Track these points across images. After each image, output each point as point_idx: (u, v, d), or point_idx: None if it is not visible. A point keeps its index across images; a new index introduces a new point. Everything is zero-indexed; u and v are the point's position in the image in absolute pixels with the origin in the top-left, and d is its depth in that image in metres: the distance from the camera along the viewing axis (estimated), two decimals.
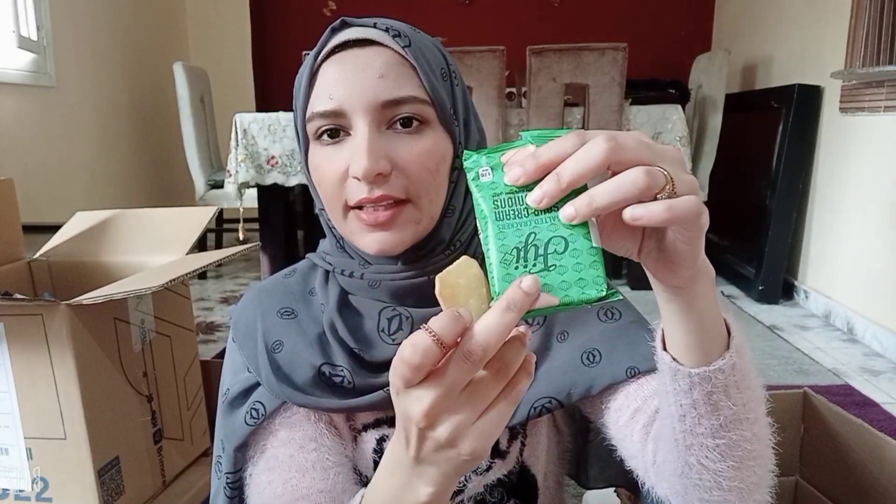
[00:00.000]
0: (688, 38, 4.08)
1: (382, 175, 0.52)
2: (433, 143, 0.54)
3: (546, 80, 2.74)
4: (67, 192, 2.92)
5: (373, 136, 0.52)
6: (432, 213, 0.56)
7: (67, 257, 1.10)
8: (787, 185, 2.69)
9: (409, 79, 0.54)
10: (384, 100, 0.52)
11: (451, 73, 0.58)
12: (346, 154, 0.53)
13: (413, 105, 0.53)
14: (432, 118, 0.55)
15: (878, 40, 2.21)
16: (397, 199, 0.53)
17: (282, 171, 2.97)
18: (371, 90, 0.52)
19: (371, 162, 0.51)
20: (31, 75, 2.68)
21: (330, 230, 0.61)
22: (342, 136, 0.54)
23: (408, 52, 0.54)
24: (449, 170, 0.57)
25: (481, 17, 4.18)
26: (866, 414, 1.72)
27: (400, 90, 0.53)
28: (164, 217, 1.13)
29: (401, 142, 0.53)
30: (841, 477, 0.84)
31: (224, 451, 0.61)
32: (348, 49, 0.54)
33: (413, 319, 0.58)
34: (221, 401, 0.62)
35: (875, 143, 2.28)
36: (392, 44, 0.54)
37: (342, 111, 0.53)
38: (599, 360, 0.58)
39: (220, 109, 3.60)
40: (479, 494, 0.62)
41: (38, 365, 0.80)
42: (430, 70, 0.55)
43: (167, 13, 4.00)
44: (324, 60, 0.55)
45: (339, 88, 0.53)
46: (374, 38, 0.54)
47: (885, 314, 2.20)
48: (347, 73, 0.53)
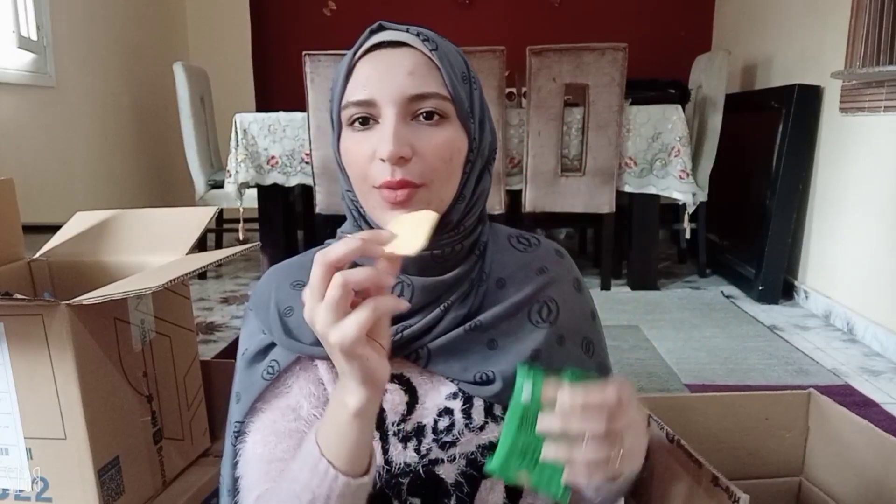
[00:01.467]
0: (688, 38, 4.08)
1: (404, 159, 0.59)
2: (450, 136, 0.62)
3: (546, 80, 2.74)
4: (67, 192, 2.91)
5: (399, 124, 0.60)
6: (443, 198, 0.63)
7: (67, 257, 1.10)
8: (787, 185, 2.69)
9: (434, 78, 0.61)
10: (411, 94, 0.60)
11: (471, 77, 0.66)
12: (374, 140, 0.61)
13: (436, 100, 0.61)
14: (452, 114, 0.62)
15: (878, 40, 2.21)
16: (414, 184, 0.60)
17: (282, 171, 2.97)
18: (400, 85, 0.60)
19: (396, 146, 0.58)
20: (30, 75, 2.67)
21: (350, 211, 0.68)
22: (371, 123, 0.62)
23: (434, 55, 0.62)
24: (463, 161, 0.64)
25: (481, 17, 4.18)
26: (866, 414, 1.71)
27: (425, 86, 0.61)
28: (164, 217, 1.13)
29: (422, 132, 0.61)
30: (846, 478, 0.84)
31: (238, 402, 0.69)
32: (383, 49, 0.62)
33: (414, 287, 0.65)
34: (240, 360, 0.70)
35: (875, 143, 2.28)
36: (421, 47, 0.62)
37: (374, 101, 0.61)
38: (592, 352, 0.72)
39: (220, 109, 3.60)
40: (471, 453, 0.66)
41: (38, 365, 0.80)
42: (452, 72, 0.62)
43: (167, 13, 4.00)
44: (361, 57, 0.63)
45: (372, 82, 0.61)
46: (407, 40, 0.62)
47: (885, 314, 2.20)
48: (381, 69, 0.61)
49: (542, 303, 0.69)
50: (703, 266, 3.23)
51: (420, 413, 0.66)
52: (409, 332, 0.64)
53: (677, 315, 2.60)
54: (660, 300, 2.81)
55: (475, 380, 0.65)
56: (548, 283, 0.71)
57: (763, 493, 0.89)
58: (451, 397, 0.66)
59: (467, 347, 0.66)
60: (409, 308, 0.64)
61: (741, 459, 0.89)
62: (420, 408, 0.66)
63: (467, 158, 0.64)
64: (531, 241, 0.74)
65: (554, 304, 0.70)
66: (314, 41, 3.87)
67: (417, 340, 0.65)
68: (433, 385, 0.66)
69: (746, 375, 1.98)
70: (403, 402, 0.65)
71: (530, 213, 2.88)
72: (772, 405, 0.88)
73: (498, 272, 0.70)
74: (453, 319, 0.65)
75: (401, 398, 0.65)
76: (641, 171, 2.84)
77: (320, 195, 2.88)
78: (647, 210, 2.94)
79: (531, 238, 0.75)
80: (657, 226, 2.98)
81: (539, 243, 0.75)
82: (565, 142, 2.82)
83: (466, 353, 0.65)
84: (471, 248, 0.68)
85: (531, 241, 0.75)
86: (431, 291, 0.65)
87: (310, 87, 2.74)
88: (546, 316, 0.69)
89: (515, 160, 2.89)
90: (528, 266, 0.71)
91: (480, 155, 0.66)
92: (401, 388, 0.66)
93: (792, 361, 2.10)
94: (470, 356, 0.65)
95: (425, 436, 0.65)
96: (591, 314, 0.76)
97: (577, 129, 2.81)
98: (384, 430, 0.65)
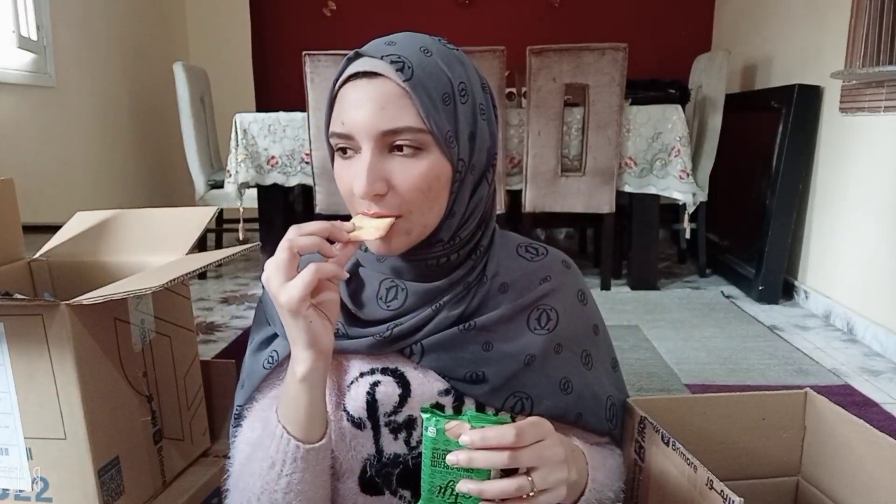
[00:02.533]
0: (688, 38, 4.08)
1: (379, 195, 0.61)
2: (428, 166, 0.62)
3: (546, 80, 2.74)
4: (67, 192, 2.92)
5: (374, 160, 0.61)
6: (425, 223, 0.64)
7: (67, 257, 1.10)
8: (787, 185, 2.69)
9: (406, 110, 0.61)
10: (383, 130, 0.60)
11: (457, 92, 0.64)
12: (353, 170, 0.63)
13: (409, 134, 0.61)
14: (429, 143, 0.62)
15: (878, 40, 2.21)
16: (391, 216, 0.62)
17: (282, 171, 2.97)
18: (372, 120, 0.60)
19: (368, 185, 0.60)
20: (30, 75, 2.68)
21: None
22: (352, 154, 0.63)
23: (408, 85, 0.60)
24: (448, 183, 0.64)
25: (481, 17, 4.18)
26: (866, 414, 1.72)
27: (397, 121, 0.60)
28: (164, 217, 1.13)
29: (399, 165, 0.62)
30: (843, 477, 0.84)
31: (241, 388, 0.73)
32: (359, 79, 0.62)
33: (408, 291, 0.67)
34: (248, 347, 0.75)
35: (875, 143, 2.28)
36: (395, 77, 0.61)
37: (351, 135, 0.62)
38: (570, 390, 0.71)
39: (220, 109, 3.60)
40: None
41: (38, 365, 0.80)
42: (429, 100, 0.61)
43: (167, 13, 4.00)
44: (342, 86, 0.64)
45: (349, 115, 0.62)
46: (381, 70, 0.61)
47: (885, 314, 2.20)
48: (356, 102, 0.61)
49: (541, 310, 0.70)
50: (703, 266, 3.23)
51: (412, 405, 0.68)
52: (399, 330, 0.66)
53: (677, 315, 2.60)
54: (660, 300, 2.81)
55: (466, 378, 0.66)
56: (550, 291, 0.72)
57: (760, 493, 0.90)
58: (444, 394, 0.68)
59: (461, 347, 0.67)
60: (403, 308, 0.67)
61: (739, 459, 0.89)
62: (412, 400, 0.68)
63: (453, 179, 0.64)
64: (539, 251, 0.75)
65: (554, 313, 0.71)
66: (314, 41, 3.88)
67: (409, 337, 0.67)
68: (426, 380, 0.68)
69: (746, 375, 1.99)
70: (396, 394, 0.67)
71: (530, 213, 2.88)
72: (769, 405, 0.89)
73: (502, 277, 0.71)
74: (446, 319, 0.67)
75: (394, 389, 0.67)
76: (641, 171, 2.84)
77: (320, 195, 2.88)
78: (647, 210, 2.94)
79: (540, 248, 0.76)
80: (657, 226, 2.98)
81: (547, 253, 0.76)
82: (565, 142, 2.82)
83: (460, 352, 0.67)
84: (468, 254, 0.69)
85: (539, 250, 0.76)
86: (424, 295, 0.67)
87: (310, 87, 2.74)
88: (545, 323, 0.70)
89: (515, 160, 2.89)
90: (532, 274, 0.72)
91: (471, 170, 0.66)
92: (394, 381, 0.67)
93: (792, 361, 2.10)
94: (463, 355, 0.67)
95: (415, 428, 0.68)
96: (594, 328, 0.77)
97: (577, 129, 2.81)
98: (376, 420, 0.67)
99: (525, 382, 0.68)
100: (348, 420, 0.68)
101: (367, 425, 0.67)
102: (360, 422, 0.67)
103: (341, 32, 4.20)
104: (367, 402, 0.67)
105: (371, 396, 0.67)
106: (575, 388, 0.71)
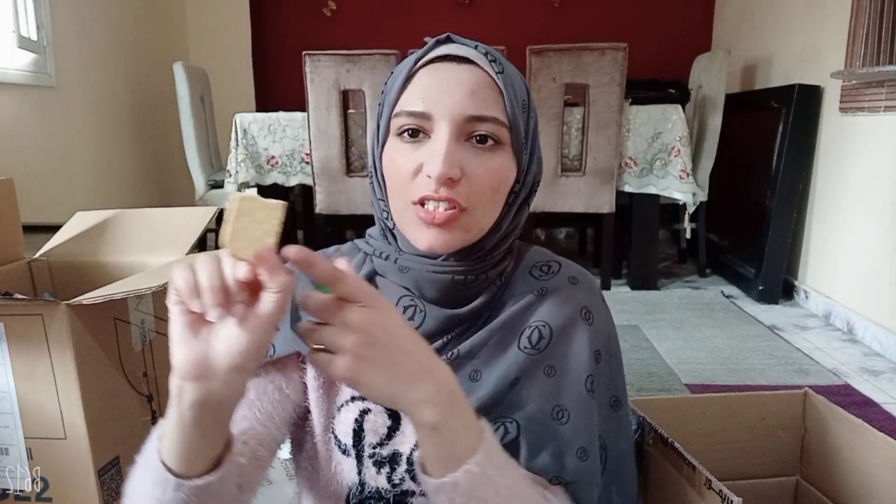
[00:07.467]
0: (688, 38, 4.08)
1: (453, 180, 0.58)
2: (502, 164, 0.60)
3: (546, 80, 2.74)
4: (67, 192, 2.91)
5: (451, 143, 0.58)
6: (482, 226, 0.61)
7: (67, 257, 1.10)
8: (787, 185, 2.69)
9: (495, 101, 0.59)
10: (469, 114, 0.58)
11: (530, 106, 0.63)
12: (421, 154, 0.59)
13: (493, 125, 0.59)
14: (507, 141, 0.60)
15: (878, 40, 2.21)
16: (458, 205, 0.58)
17: (282, 171, 2.98)
18: (460, 103, 0.58)
19: (446, 166, 0.57)
20: (31, 75, 2.68)
21: (380, 220, 0.66)
22: (422, 137, 0.60)
23: (499, 78, 0.59)
24: (508, 191, 0.62)
25: (481, 17, 4.18)
26: (866, 414, 1.72)
27: (485, 109, 0.58)
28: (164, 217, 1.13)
29: (474, 155, 0.59)
30: (842, 477, 0.84)
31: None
32: (447, 62, 0.60)
33: (426, 314, 0.62)
34: None
35: (875, 143, 2.28)
36: (488, 67, 0.60)
37: (429, 115, 0.59)
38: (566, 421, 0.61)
39: (220, 109, 3.60)
40: None
41: (38, 365, 0.80)
42: (514, 99, 0.60)
43: (167, 13, 4.00)
44: (422, 67, 0.61)
45: (431, 94, 0.59)
46: (473, 58, 0.60)
47: (885, 314, 2.20)
48: (442, 83, 0.59)
49: (533, 328, 0.64)
50: (703, 266, 3.23)
51: (399, 440, 0.63)
52: None
53: (677, 315, 2.60)
54: (660, 300, 2.81)
55: None
56: (544, 307, 0.65)
57: (760, 493, 0.90)
58: None
59: None
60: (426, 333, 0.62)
61: (738, 459, 0.89)
62: (400, 434, 0.63)
63: (512, 189, 0.62)
64: (551, 269, 0.68)
65: (547, 330, 0.63)
66: (314, 41, 3.87)
67: None
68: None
69: (746, 375, 1.99)
70: (385, 427, 0.63)
71: (530, 213, 2.88)
72: (768, 405, 0.89)
73: (506, 300, 0.66)
74: (447, 349, 0.63)
75: (383, 421, 0.63)
76: (641, 170, 2.84)
77: (320, 195, 2.88)
78: (647, 210, 2.94)
79: (552, 265, 0.69)
80: (657, 226, 2.98)
81: (558, 270, 0.68)
82: (565, 142, 2.82)
83: None
84: (495, 278, 0.65)
85: (552, 268, 0.68)
86: (444, 321, 0.63)
87: (310, 87, 2.74)
88: (536, 342, 0.63)
89: None
90: (530, 292, 0.66)
91: (525, 186, 0.64)
92: (385, 412, 0.64)
93: (792, 361, 2.10)
94: None
95: (399, 464, 0.63)
96: (596, 354, 0.65)
97: (577, 128, 2.81)
98: (360, 450, 0.64)
99: (510, 406, 0.61)
100: (336, 444, 0.65)
101: (351, 454, 0.64)
102: (346, 449, 0.64)
103: (341, 32, 4.20)
104: (354, 430, 0.64)
105: (358, 425, 0.63)
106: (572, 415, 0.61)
